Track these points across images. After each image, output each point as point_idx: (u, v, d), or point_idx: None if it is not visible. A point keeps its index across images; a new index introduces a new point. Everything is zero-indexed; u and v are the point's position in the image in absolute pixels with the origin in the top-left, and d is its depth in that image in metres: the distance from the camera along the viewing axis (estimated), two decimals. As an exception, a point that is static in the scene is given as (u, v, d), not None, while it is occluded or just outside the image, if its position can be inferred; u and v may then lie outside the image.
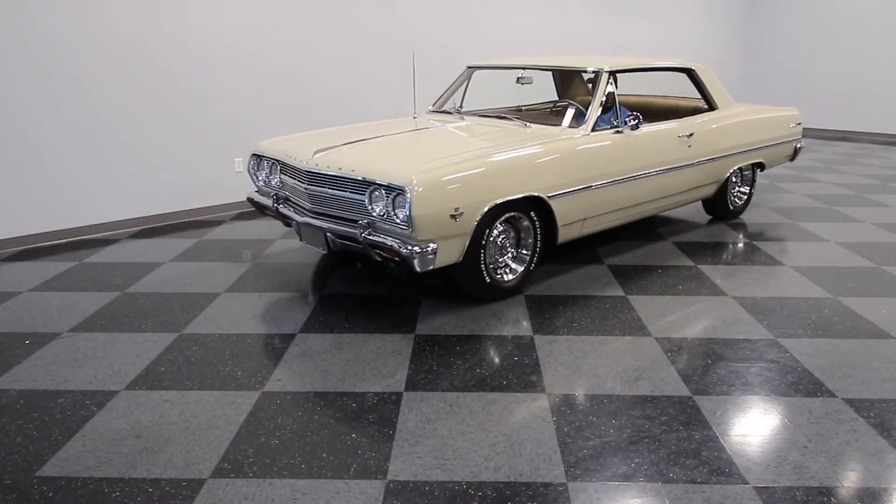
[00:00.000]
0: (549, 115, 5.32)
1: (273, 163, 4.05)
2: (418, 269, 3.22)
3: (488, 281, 3.64)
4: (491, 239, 3.60)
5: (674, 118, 4.88)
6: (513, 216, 3.67)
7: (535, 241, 3.81)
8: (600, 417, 2.61)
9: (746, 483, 2.23)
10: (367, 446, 2.42)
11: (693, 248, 4.86)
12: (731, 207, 5.54)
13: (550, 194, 3.70)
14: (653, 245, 4.89)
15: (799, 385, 2.88)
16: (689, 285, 4.08)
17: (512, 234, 3.77)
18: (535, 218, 3.74)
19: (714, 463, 2.34)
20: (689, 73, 5.04)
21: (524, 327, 3.44)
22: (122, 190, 5.21)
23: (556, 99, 5.85)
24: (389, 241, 3.23)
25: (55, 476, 2.24)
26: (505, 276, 3.77)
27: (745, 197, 5.68)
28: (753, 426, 2.58)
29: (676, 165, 4.58)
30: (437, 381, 2.89)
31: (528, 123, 4.21)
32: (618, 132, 4.15)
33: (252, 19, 5.62)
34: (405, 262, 3.22)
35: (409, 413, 2.64)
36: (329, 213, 3.61)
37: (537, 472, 2.27)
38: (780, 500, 2.15)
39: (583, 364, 3.05)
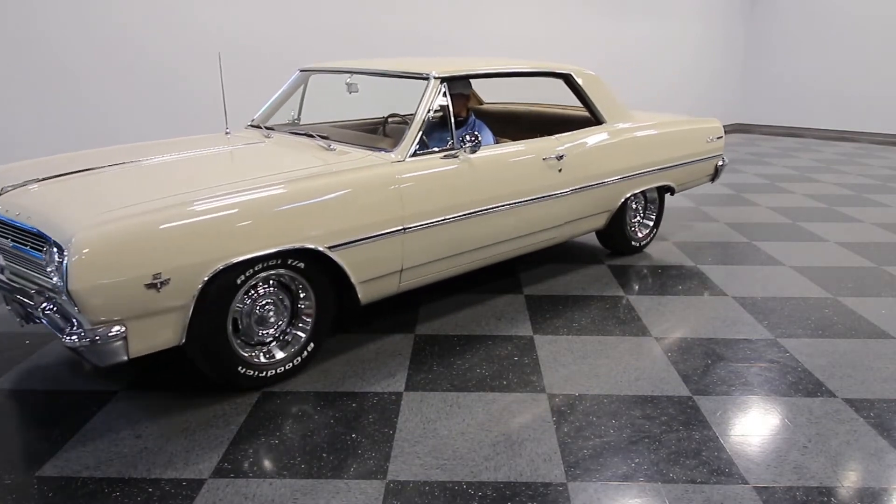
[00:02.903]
0: (383, 132, 4.23)
1: None
2: (97, 363, 2.32)
3: (240, 369, 2.69)
4: (244, 308, 2.69)
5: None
6: (285, 275, 2.76)
7: (318, 307, 2.88)
8: (600, 417, 2.61)
9: (746, 483, 2.23)
10: (367, 446, 2.42)
11: (693, 248, 4.86)
12: (632, 240, 4.57)
13: (334, 244, 2.76)
14: (653, 245, 4.89)
15: (799, 385, 2.89)
16: (689, 285, 4.08)
17: (286, 298, 2.83)
18: (312, 276, 2.82)
19: (714, 463, 2.34)
20: (566, 79, 4.08)
21: (524, 327, 3.44)
22: (122, 190, 5.21)
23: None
24: (61, 322, 2.35)
25: (55, 476, 2.24)
26: (261, 357, 2.80)
27: (651, 227, 4.70)
28: (753, 426, 2.58)
29: (540, 195, 3.62)
30: (437, 381, 2.89)
31: (331, 144, 3.27)
32: (450, 156, 3.24)
33: (253, 19, 5.62)
34: (76, 353, 2.31)
35: (409, 413, 2.64)
36: (20, 273, 2.62)
37: (537, 472, 2.27)
38: (780, 500, 2.15)
39: (583, 364, 3.05)
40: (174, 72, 5.27)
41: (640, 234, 4.65)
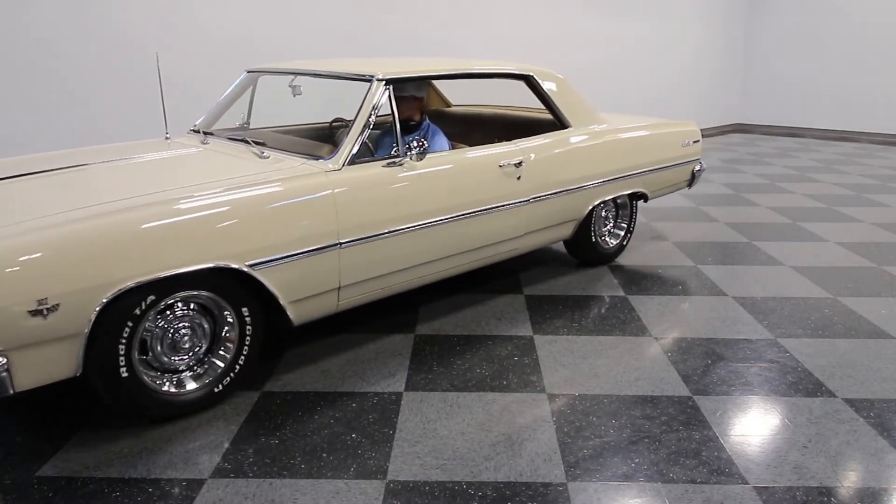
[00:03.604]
0: (329, 138, 3.94)
1: None
2: None
3: (146, 401, 2.45)
4: (153, 334, 2.46)
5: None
6: (202, 296, 2.52)
7: (243, 332, 2.64)
8: (600, 417, 2.61)
9: (746, 483, 2.23)
10: (367, 446, 2.42)
11: (693, 247, 4.86)
12: (601, 250, 4.30)
13: (257, 261, 2.53)
14: (653, 245, 4.89)
15: (799, 385, 2.89)
16: (689, 285, 4.08)
17: (204, 321, 2.59)
18: (233, 297, 2.59)
19: (714, 463, 2.34)
20: (527, 80, 3.81)
21: (524, 327, 3.44)
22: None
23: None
24: None
25: (55, 476, 2.24)
26: (170, 387, 2.54)
27: (622, 236, 4.43)
28: (753, 426, 2.58)
29: (496, 205, 3.39)
30: (437, 381, 2.89)
31: (265, 151, 3.05)
32: (394, 164, 3.01)
33: (253, 19, 5.62)
34: None
35: (409, 413, 2.64)
36: None
37: (537, 472, 2.27)
38: (780, 500, 2.15)
39: (583, 364, 3.05)
40: (174, 72, 5.26)
41: (611, 244, 4.38)
